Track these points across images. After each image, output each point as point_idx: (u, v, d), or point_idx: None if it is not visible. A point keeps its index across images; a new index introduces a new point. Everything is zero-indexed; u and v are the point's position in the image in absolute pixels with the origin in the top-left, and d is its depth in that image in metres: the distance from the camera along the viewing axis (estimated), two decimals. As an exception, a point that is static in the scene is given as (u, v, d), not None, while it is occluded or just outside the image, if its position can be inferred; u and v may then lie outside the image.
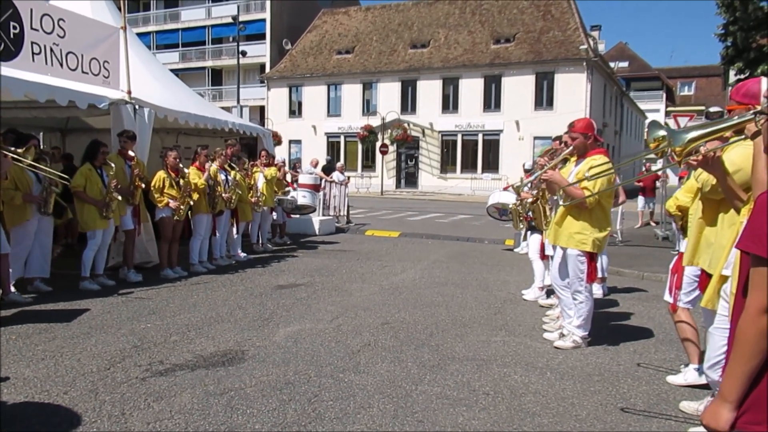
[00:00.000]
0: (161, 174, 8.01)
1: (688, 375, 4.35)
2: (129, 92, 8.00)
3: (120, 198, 7.30)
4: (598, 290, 7.61)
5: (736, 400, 1.60)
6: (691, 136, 2.73)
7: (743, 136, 2.96)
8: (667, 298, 4.39)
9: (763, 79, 3.44)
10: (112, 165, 7.23)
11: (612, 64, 43.92)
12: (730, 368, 1.62)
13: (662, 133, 2.91)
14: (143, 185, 7.84)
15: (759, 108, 2.90)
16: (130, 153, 7.65)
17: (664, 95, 56.69)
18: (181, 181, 8.13)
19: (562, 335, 5.41)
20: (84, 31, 7.51)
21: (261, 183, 10.40)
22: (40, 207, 6.66)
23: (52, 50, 6.99)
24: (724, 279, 3.02)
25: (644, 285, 8.44)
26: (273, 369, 4.51)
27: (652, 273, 8.91)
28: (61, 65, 7.17)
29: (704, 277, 3.90)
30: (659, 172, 14.80)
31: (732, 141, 3.21)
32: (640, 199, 16.56)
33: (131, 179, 7.67)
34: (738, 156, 3.12)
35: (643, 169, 16.15)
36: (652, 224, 15.84)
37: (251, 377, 4.32)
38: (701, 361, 4.29)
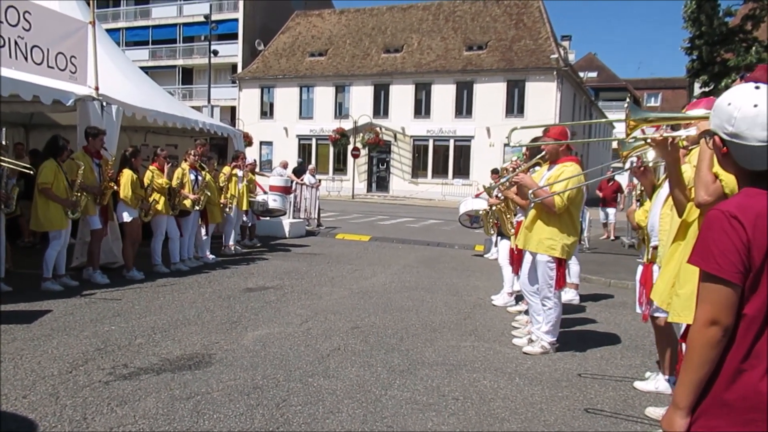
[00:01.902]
0: (131, 174, 7.85)
1: (659, 383, 4.40)
2: (96, 88, 7.83)
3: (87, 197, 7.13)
4: (574, 296, 7.70)
5: (687, 406, 1.68)
6: (648, 116, 2.84)
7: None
8: (639, 309, 4.42)
9: (714, 99, 3.55)
10: (81, 164, 7.06)
11: (581, 74, 44.67)
12: (682, 377, 1.70)
13: (645, 115, 2.92)
14: (114, 185, 7.67)
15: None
16: (104, 152, 7.50)
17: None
18: (146, 182, 8.02)
19: (530, 341, 5.45)
20: (51, 25, 7.33)
21: (241, 185, 10.39)
22: (1, 204, 6.45)
23: (16, 43, 6.81)
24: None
25: (611, 292, 8.56)
26: (241, 373, 4.44)
27: (619, 280, 9.05)
28: (26, 59, 6.98)
29: None
30: (628, 182, 14.94)
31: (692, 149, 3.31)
32: (602, 211, 15.69)
33: (101, 178, 7.49)
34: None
35: (607, 174, 15.83)
36: (611, 237, 15.44)
37: (218, 381, 4.24)
38: (673, 372, 4.35)
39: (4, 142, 10.32)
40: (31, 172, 6.55)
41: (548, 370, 4.85)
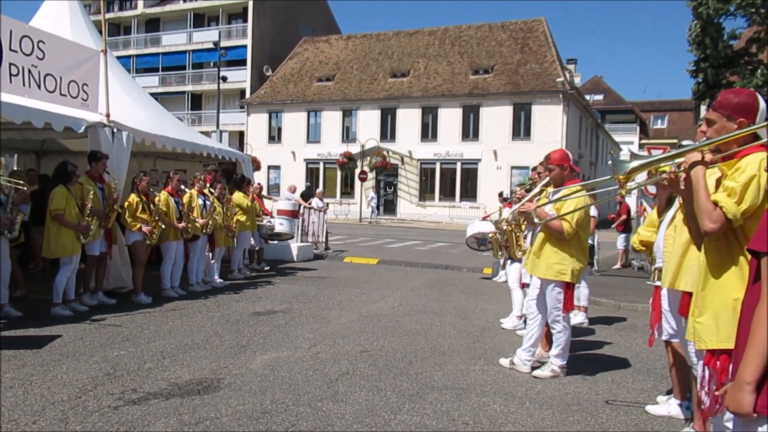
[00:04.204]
0: (133, 197, 7.92)
1: (671, 408, 4.35)
2: (107, 115, 7.94)
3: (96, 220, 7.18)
4: (584, 319, 7.66)
5: (754, 381, 1.76)
6: (632, 165, 2.82)
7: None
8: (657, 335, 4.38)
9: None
10: (90, 188, 7.15)
11: (587, 97, 44.82)
12: (748, 352, 1.80)
13: (628, 166, 2.86)
14: (119, 209, 7.73)
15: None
16: (107, 176, 7.57)
17: (638, 128, 57.94)
18: (152, 206, 8.07)
19: (512, 362, 5.45)
20: (63, 54, 7.47)
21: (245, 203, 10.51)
22: (4, 229, 6.48)
23: (30, 72, 6.93)
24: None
25: (621, 314, 8.50)
26: (249, 398, 4.43)
27: (629, 303, 8.99)
28: (39, 87, 7.10)
29: (686, 300, 3.93)
30: (637, 205, 14.70)
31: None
32: (620, 237, 14.38)
33: (105, 202, 7.55)
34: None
35: (616, 201, 15.34)
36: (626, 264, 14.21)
37: (227, 406, 4.23)
38: (685, 397, 4.30)
39: (15, 168, 10.46)
40: (24, 188, 6.58)
41: (558, 394, 4.80)
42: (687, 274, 3.72)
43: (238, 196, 10.44)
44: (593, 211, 7.10)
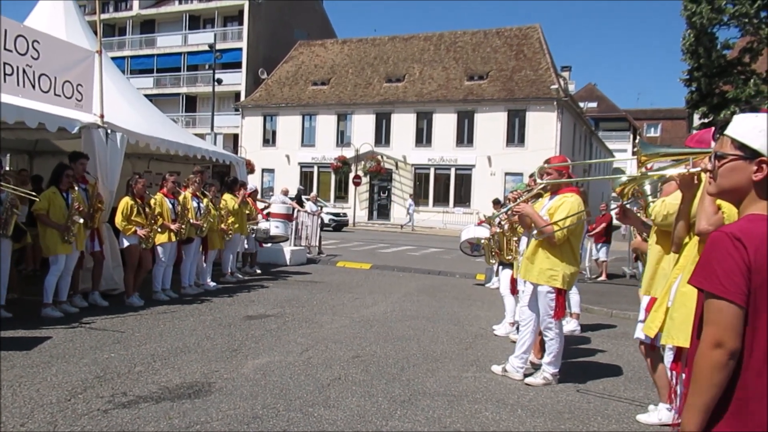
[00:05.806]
0: (128, 201, 7.87)
1: (661, 414, 4.35)
2: (101, 116, 7.91)
3: (81, 221, 7.11)
4: (576, 327, 7.67)
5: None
6: (660, 151, 2.84)
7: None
8: (639, 334, 4.39)
9: (713, 129, 3.60)
10: (75, 188, 7.11)
11: (581, 105, 45.08)
12: (689, 402, 1.65)
13: (656, 150, 2.85)
14: (103, 207, 7.68)
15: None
16: (88, 176, 7.52)
17: (631, 136, 58.24)
18: (147, 209, 8.02)
19: (504, 370, 5.45)
20: (58, 54, 7.44)
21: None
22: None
23: (24, 71, 6.91)
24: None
25: (613, 322, 8.52)
26: (240, 402, 4.41)
27: (621, 310, 9.01)
28: (33, 87, 7.07)
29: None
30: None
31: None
32: (600, 248, 13.37)
33: (89, 202, 7.49)
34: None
35: (600, 209, 14.75)
36: (603, 277, 13.14)
37: (218, 411, 4.21)
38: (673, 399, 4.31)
39: (7, 168, 10.39)
40: (37, 199, 6.59)
41: (550, 402, 4.80)
42: (661, 281, 3.76)
43: (226, 198, 10.40)
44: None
